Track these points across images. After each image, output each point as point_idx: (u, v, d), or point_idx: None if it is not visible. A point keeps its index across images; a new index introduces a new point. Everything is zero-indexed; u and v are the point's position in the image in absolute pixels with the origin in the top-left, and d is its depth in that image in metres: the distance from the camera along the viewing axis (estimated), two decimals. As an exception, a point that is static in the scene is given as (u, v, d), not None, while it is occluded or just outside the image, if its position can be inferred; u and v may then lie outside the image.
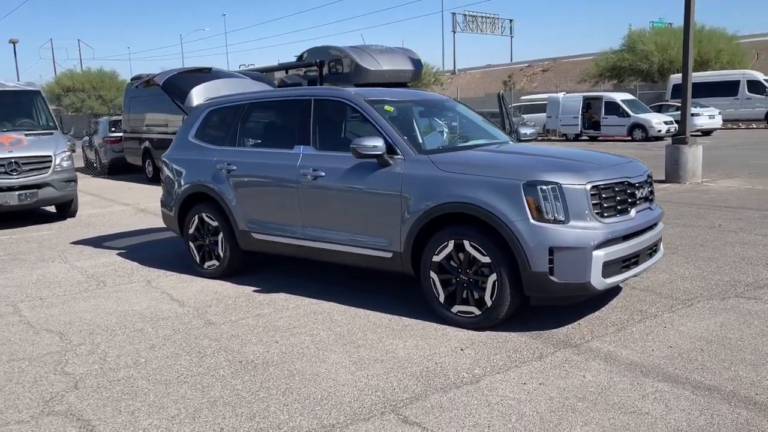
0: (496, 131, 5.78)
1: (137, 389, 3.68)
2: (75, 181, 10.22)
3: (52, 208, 10.84)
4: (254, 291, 5.61)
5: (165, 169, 6.55)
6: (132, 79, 17.42)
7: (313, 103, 5.39)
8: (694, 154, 11.58)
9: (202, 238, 6.14)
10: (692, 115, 23.61)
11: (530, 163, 4.53)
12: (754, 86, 27.28)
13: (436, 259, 4.52)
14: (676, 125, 24.00)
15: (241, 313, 5.02)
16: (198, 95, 6.54)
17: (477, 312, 4.37)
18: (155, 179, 16.11)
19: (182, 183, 6.23)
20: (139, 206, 11.70)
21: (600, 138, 25.56)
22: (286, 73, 16.47)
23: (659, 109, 25.84)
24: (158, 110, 15.46)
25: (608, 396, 3.36)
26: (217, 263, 6.03)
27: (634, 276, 4.54)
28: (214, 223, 5.98)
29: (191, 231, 6.21)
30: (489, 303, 4.30)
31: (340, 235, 5.07)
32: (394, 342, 4.26)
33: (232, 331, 4.61)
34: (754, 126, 28.50)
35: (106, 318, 5.03)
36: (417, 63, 15.59)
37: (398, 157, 4.75)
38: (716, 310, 4.65)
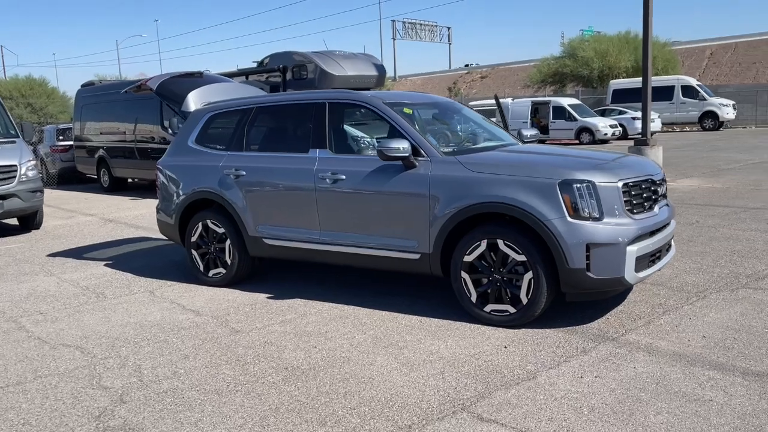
0: (503, 133, 5.88)
1: (190, 400, 3.57)
2: (41, 191, 9.80)
3: (11, 220, 10.34)
4: (267, 298, 5.52)
5: (161, 176, 6.37)
6: (83, 86, 16.83)
7: (328, 107, 5.35)
8: (655, 155, 12.05)
9: (206, 246, 5.99)
10: (633, 119, 24.59)
11: (561, 162, 4.63)
12: (688, 91, 28.57)
13: (467, 259, 4.56)
14: (620, 128, 24.90)
15: (264, 320, 4.93)
16: (195, 100, 6.40)
17: (512, 310, 4.43)
18: (112, 189, 15.61)
19: (183, 190, 6.07)
20: (105, 217, 11.30)
21: (548, 142, 26.23)
22: (247, 78, 16.34)
23: (603, 114, 26.74)
24: (115, 118, 15.01)
25: (667, 386, 3.47)
26: (223, 271, 5.90)
27: (657, 271, 4.70)
28: (221, 230, 5.85)
29: (194, 239, 6.05)
30: (525, 301, 4.37)
31: (362, 239, 5.05)
32: (434, 342, 4.27)
33: (263, 338, 4.52)
34: (688, 129, 29.85)
35: (121, 330, 4.85)
36: (381, 68, 15.80)
37: (423, 158, 4.77)
38: (730, 300, 4.86)
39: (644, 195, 4.49)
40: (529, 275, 4.33)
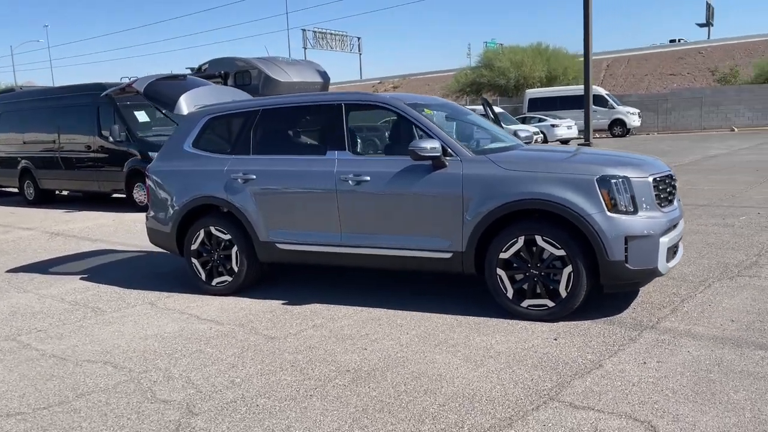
0: (507, 134, 6.02)
1: (268, 408, 3.44)
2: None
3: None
4: (283, 304, 5.39)
5: (153, 183, 6.08)
6: (1, 92, 15.74)
7: (345, 108, 5.31)
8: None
9: (209, 254, 5.77)
10: (552, 126, 25.70)
11: (593, 159, 4.80)
12: (598, 100, 30.17)
13: (503, 255, 4.64)
14: (542, 135, 25.94)
15: (294, 325, 4.81)
16: (187, 103, 6.16)
17: (551, 304, 4.55)
18: (38, 202, 14.67)
19: (182, 196, 5.82)
20: (48, 230, 10.61)
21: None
22: (182, 85, 15.70)
23: (524, 121, 27.79)
24: (41, 126, 14.12)
25: (728, 366, 3.67)
26: (229, 279, 5.70)
27: (677, 262, 4.95)
28: (226, 237, 5.66)
29: (195, 247, 5.82)
30: (564, 294, 4.50)
31: (389, 240, 5.03)
32: (482, 339, 4.32)
33: (305, 343, 4.42)
34: (598, 136, 31.50)
35: (144, 343, 4.60)
36: (325, 75, 15.65)
37: (452, 158, 4.82)
38: (734, 288, 5.19)
39: (667, 189, 4.74)
40: (568, 269, 4.46)
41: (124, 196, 12.87)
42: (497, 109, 26.50)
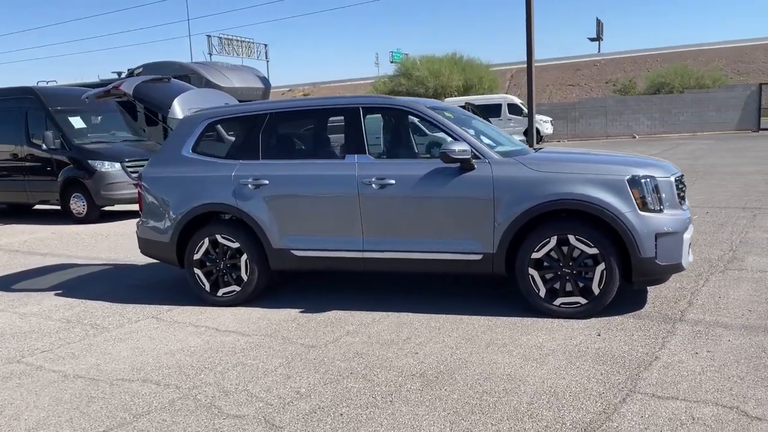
0: (512, 138, 6.13)
1: (354, 417, 3.34)
2: None
3: None
4: (301, 312, 5.24)
5: (148, 190, 5.76)
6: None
7: (363, 112, 5.25)
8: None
9: (214, 263, 5.53)
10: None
11: (618, 160, 4.98)
12: (513, 108, 31.29)
13: (535, 255, 4.73)
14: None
15: (326, 333, 4.69)
16: (181, 106, 5.90)
17: (583, 301, 4.68)
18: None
19: (184, 203, 5.54)
20: (-17, 245, 9.79)
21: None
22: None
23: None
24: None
25: (774, 351, 3.92)
26: (237, 289, 5.48)
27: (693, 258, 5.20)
28: (234, 245, 5.44)
29: (198, 256, 5.55)
30: (597, 291, 4.64)
31: (415, 243, 5.00)
32: (529, 338, 4.38)
33: (350, 350, 4.32)
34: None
35: (173, 359, 4.35)
36: (266, 81, 15.49)
37: (480, 160, 4.87)
38: (730, 280, 5.52)
39: (682, 189, 5.00)
40: (601, 267, 4.60)
41: (55, 207, 12.08)
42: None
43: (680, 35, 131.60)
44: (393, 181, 5.00)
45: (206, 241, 5.51)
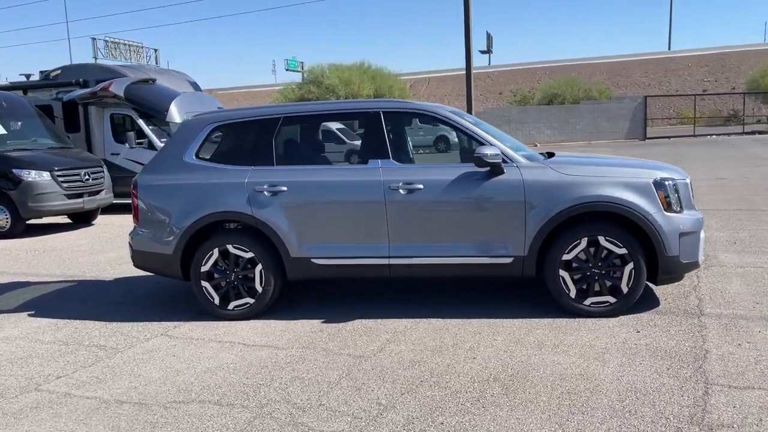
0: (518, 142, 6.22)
1: (454, 424, 3.28)
2: None
3: None
4: (324, 323, 5.08)
5: (146, 199, 5.38)
6: None
7: (383, 116, 5.17)
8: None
9: (224, 275, 5.24)
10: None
11: (640, 164, 5.18)
12: (424, 119, 31.83)
13: (566, 257, 4.85)
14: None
15: (366, 342, 4.57)
16: (179, 110, 5.59)
17: (612, 300, 4.84)
18: None
19: (191, 212, 5.21)
20: None
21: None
22: (25, 93, 14.08)
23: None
24: None
25: (806, 339, 4.22)
26: (250, 301, 5.22)
27: None
28: (247, 255, 5.18)
29: (206, 268, 5.24)
30: (625, 290, 4.81)
31: (444, 248, 4.98)
32: (575, 338, 4.47)
33: (404, 358, 4.23)
34: (424, 152, 33.29)
35: (217, 377, 4.09)
36: (196, 86, 14.94)
37: (508, 164, 4.93)
38: (719, 275, 5.88)
39: (693, 191, 5.28)
40: (629, 266, 4.78)
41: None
42: (341, 125, 26.90)
43: (565, 49, 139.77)
44: (421, 186, 4.95)
45: (215, 251, 5.21)
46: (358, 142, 7.72)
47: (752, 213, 9.19)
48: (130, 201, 5.35)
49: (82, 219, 11.91)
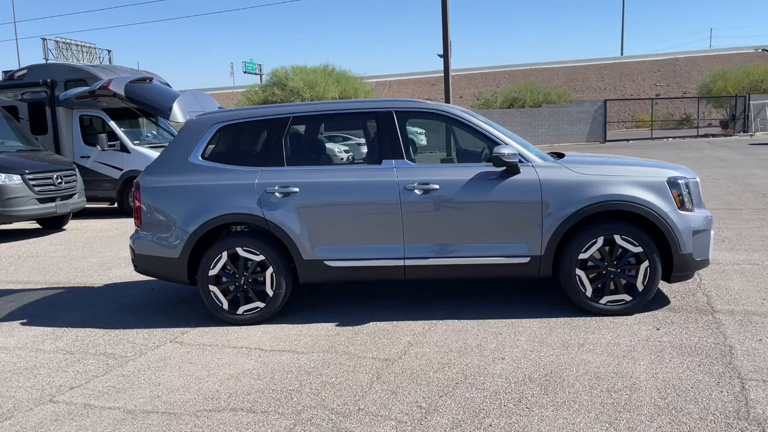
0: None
1: (514, 425, 3.24)
2: None
3: None
4: (338, 326, 4.98)
5: (149, 201, 5.20)
6: None
7: (396, 116, 5.11)
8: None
9: (232, 279, 5.10)
10: (358, 145, 26.49)
11: (651, 164, 5.22)
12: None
13: (582, 256, 4.86)
14: (351, 153, 26.61)
15: (388, 346, 4.50)
16: (182, 109, 5.40)
17: (628, 298, 4.87)
18: None
19: (199, 214, 5.05)
20: None
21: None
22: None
23: (331, 140, 28.25)
24: None
25: (823, 333, 4.31)
26: (261, 305, 5.09)
27: None
28: (258, 257, 5.05)
29: (214, 272, 5.09)
30: (641, 288, 4.85)
31: (460, 249, 4.94)
32: (596, 336, 4.47)
33: (432, 360, 4.17)
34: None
35: (243, 383, 3.96)
36: (168, 87, 14.45)
37: (523, 164, 4.93)
38: (719, 273, 5.97)
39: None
40: (645, 264, 4.82)
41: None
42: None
43: (524, 54, 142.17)
44: (437, 186, 4.90)
45: (224, 255, 5.06)
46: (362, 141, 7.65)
47: (731, 212, 9.42)
48: (101, 205, 5.16)
49: (52, 224, 11.52)
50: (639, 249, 4.80)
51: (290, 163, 5.13)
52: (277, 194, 5.00)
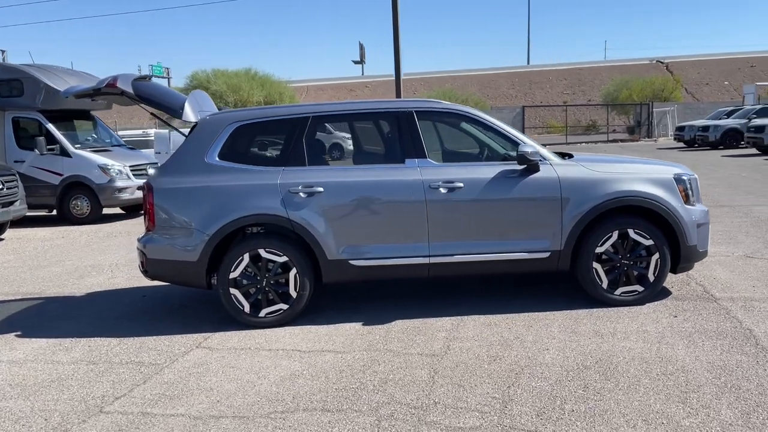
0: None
1: (594, 410, 3.36)
2: None
3: None
4: (365, 325, 4.98)
5: (164, 203, 5.01)
6: None
7: (416, 116, 5.18)
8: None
9: (253, 281, 5.00)
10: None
11: (656, 162, 5.53)
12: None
13: (598, 250, 5.09)
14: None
15: (427, 342, 4.54)
16: (193, 109, 5.24)
17: (641, 289, 5.14)
18: None
19: (220, 216, 4.91)
20: None
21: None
22: None
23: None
24: None
25: (825, 316, 4.71)
26: (284, 307, 5.01)
27: None
28: (281, 259, 4.97)
29: (234, 275, 4.97)
30: (652, 279, 5.13)
31: (484, 245, 5.05)
32: (623, 325, 4.68)
33: (478, 354, 4.25)
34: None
35: (299, 385, 3.90)
36: (109, 90, 13.81)
37: (542, 162, 5.11)
38: (708, 265, 6.33)
39: (696, 186, 5.71)
40: (656, 256, 5.10)
41: None
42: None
43: (438, 62, 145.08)
44: (461, 185, 5.00)
45: (246, 256, 4.95)
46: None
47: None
48: (40, 213, 4.95)
49: (-13, 233, 10.76)
50: (650, 242, 5.08)
51: (312, 162, 5.08)
52: (301, 194, 4.94)
